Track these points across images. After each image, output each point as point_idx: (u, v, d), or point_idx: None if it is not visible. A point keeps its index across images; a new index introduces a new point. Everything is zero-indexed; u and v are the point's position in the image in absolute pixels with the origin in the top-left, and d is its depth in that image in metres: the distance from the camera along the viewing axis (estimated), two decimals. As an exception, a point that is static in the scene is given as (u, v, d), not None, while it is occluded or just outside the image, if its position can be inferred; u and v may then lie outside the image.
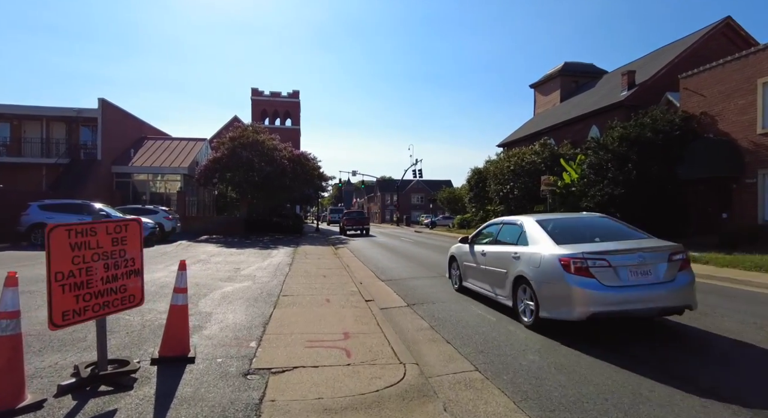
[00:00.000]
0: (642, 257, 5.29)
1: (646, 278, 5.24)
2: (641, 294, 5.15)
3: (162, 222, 19.92)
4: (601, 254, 5.27)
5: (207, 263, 12.04)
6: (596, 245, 5.62)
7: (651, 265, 5.31)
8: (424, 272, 11.33)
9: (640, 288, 5.18)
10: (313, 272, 10.85)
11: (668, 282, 5.29)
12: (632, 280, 5.19)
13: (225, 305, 6.74)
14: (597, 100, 25.56)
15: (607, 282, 5.12)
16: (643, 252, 5.35)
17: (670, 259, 5.40)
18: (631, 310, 5.17)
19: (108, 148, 25.19)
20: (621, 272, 5.19)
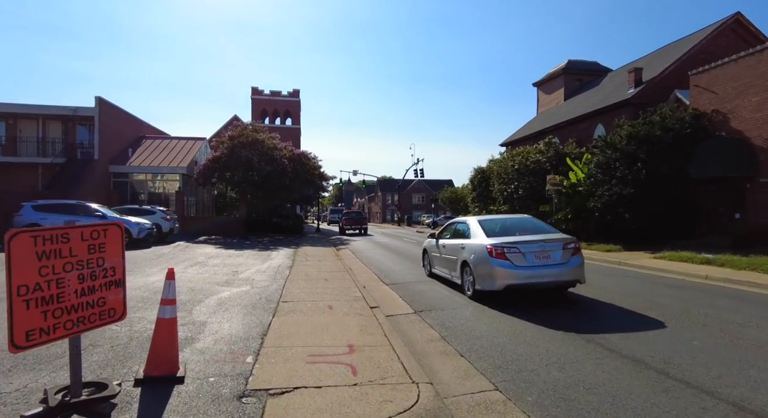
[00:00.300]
0: (543, 246, 7.28)
1: (547, 261, 7.20)
2: (542, 272, 7.15)
3: (160, 223, 19.52)
4: (514, 243, 7.26)
5: (204, 266, 11.62)
6: (514, 237, 7.54)
7: (550, 251, 7.26)
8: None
9: (541, 268, 7.16)
10: (314, 275, 10.42)
11: (563, 264, 7.24)
12: (536, 262, 7.18)
13: (221, 312, 6.31)
14: (602, 99, 25.12)
15: (518, 263, 7.10)
16: (544, 242, 7.34)
17: (564, 247, 7.34)
18: (535, 283, 7.18)
19: (105, 147, 24.77)
20: (528, 256, 7.15)
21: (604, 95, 25.52)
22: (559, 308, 7.08)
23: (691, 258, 12.66)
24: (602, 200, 17.86)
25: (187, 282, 8.82)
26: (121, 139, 26.80)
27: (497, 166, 26.63)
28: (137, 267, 11.02)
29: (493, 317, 6.58)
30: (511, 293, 7.27)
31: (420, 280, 10.20)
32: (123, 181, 26.07)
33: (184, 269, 10.82)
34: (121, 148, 26.69)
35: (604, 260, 14.22)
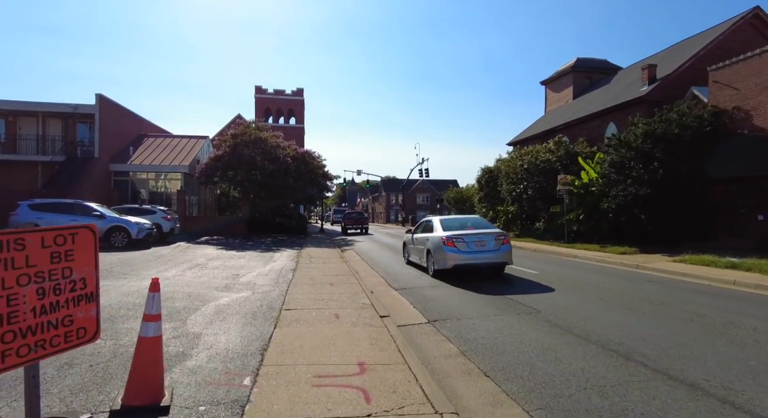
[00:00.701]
0: (481, 237, 9.95)
1: (483, 248, 9.85)
2: (480, 256, 9.84)
3: (160, 223, 19.05)
4: (460, 235, 9.90)
5: (204, 269, 11.09)
6: (461, 231, 10.19)
7: (486, 241, 9.95)
8: (441, 279, 10.33)
9: (479, 253, 9.82)
10: (318, 278, 9.88)
11: (495, 250, 9.95)
12: (476, 249, 9.80)
13: (218, 322, 5.77)
14: (614, 96, 24.46)
15: (462, 249, 9.74)
16: (482, 235, 10.03)
17: (497, 238, 10.10)
18: (474, 264, 9.91)
19: (105, 145, 24.34)
20: (470, 244, 9.80)
21: (616, 93, 24.87)
22: (491, 282, 10.21)
23: (714, 262, 12.03)
24: (616, 201, 17.24)
25: (184, 287, 8.30)
26: (121, 137, 26.37)
27: (505, 166, 26.02)
28: (133, 270, 10.51)
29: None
30: (458, 271, 10.10)
31: (431, 284, 9.65)
32: (124, 179, 25.63)
33: (182, 272, 10.30)
34: (122, 147, 26.26)
35: (621, 263, 13.60)
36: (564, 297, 8.04)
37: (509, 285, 9.42)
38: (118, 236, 15.86)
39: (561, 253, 16.94)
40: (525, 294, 8.30)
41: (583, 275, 11.13)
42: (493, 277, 10.56)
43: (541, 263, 13.64)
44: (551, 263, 13.78)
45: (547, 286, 9.27)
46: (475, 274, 10.72)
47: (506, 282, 9.87)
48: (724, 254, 12.79)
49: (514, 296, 8.02)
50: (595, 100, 27.15)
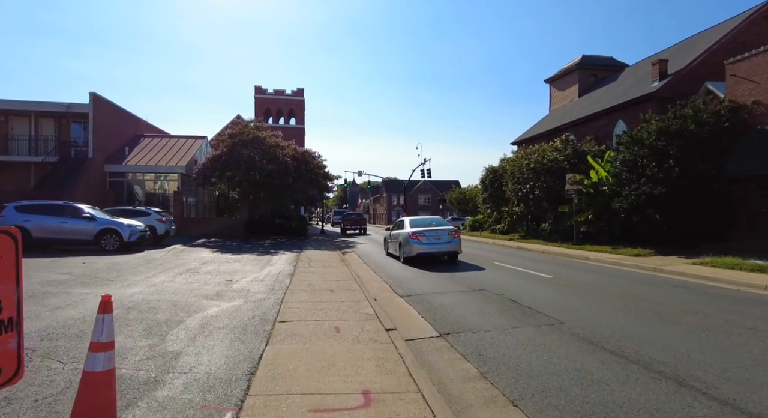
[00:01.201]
0: (437, 232, 12.98)
1: (439, 241, 12.89)
2: (437, 246, 12.92)
3: (154, 225, 18.38)
4: (422, 231, 12.92)
5: (195, 274, 10.41)
6: (423, 228, 13.25)
7: (441, 235, 12.99)
8: (450, 285, 9.64)
9: (436, 244, 12.86)
10: (318, 284, 9.19)
11: (448, 242, 12.99)
12: (434, 241, 12.85)
13: (202, 338, 5.08)
14: (622, 93, 23.75)
15: (424, 241, 12.75)
16: (438, 231, 13.06)
17: (449, 234, 13.14)
18: (432, 252, 12.92)
19: (100, 145, 23.70)
20: (429, 238, 12.81)
21: (624, 90, 24.17)
22: (441, 265, 13.43)
23: (739, 265, 11.31)
24: (629, 200, 16.53)
25: (170, 295, 7.61)
26: (117, 137, 25.72)
27: (510, 165, 25.34)
28: (119, 275, 9.82)
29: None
30: (420, 258, 13.27)
31: (441, 290, 8.95)
32: (119, 180, 24.97)
33: (171, 278, 9.62)
34: (117, 147, 25.61)
35: (636, 266, 12.89)
36: (587, 305, 7.34)
37: (527, 294, 8.72)
38: (109, 239, 15.19)
39: (571, 255, 16.23)
40: (544, 302, 7.59)
41: (600, 279, 10.42)
42: (504, 287, 9.88)
43: (553, 266, 12.93)
44: (563, 266, 13.07)
45: (565, 292, 8.56)
46: (473, 274, 10.05)
47: (523, 291, 9.16)
48: (747, 257, 12.08)
49: (533, 306, 7.32)
50: (603, 97, 26.45)
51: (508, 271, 11.97)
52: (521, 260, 14.72)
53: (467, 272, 11.77)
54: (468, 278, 10.49)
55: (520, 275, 11.04)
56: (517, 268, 12.49)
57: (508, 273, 11.50)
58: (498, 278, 10.58)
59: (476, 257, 15.64)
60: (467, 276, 10.89)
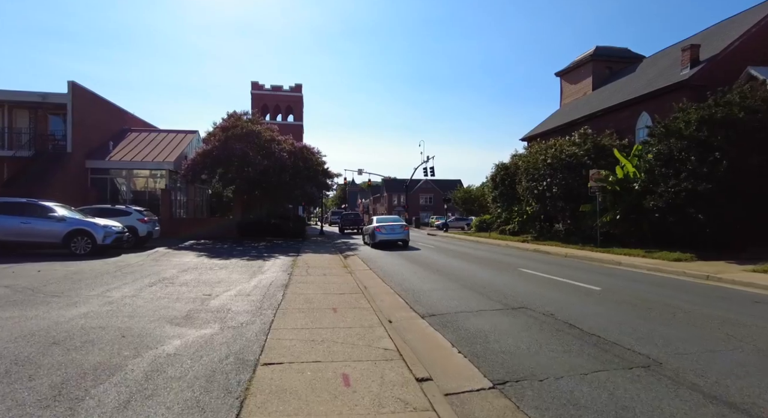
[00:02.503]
0: (393, 226, 20.70)
1: (393, 231, 20.45)
2: (391, 236, 20.37)
3: (135, 225, 16.57)
4: (383, 226, 20.60)
5: (169, 285, 8.62)
6: (384, 224, 20.92)
7: (395, 228, 20.60)
8: (481, 301, 7.85)
9: (391, 234, 20.37)
10: (317, 300, 7.42)
11: (400, 232, 20.59)
12: (390, 232, 20.39)
13: (138, 403, 3.29)
14: (645, 84, 22.01)
15: (384, 232, 20.25)
16: (393, 225, 20.82)
17: (402, 227, 20.89)
18: (389, 240, 20.29)
19: (81, 139, 21.87)
20: (387, 229, 20.41)
21: (647, 81, 22.42)
22: (397, 249, 19.56)
23: (815, 272, 9.58)
24: (664, 198, 14.79)
25: (124, 319, 5.82)
26: (100, 131, 23.89)
27: (524, 162, 23.58)
28: (72, 289, 8.02)
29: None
30: (381, 243, 19.88)
31: (471, 308, 7.17)
32: (102, 178, 23.13)
33: (137, 291, 7.83)
34: (100, 142, 23.78)
35: (683, 273, 11.13)
36: (675, 333, 5.57)
37: (583, 314, 6.95)
38: (80, 241, 13.38)
39: (599, 259, 14.48)
40: (614, 328, 5.82)
41: (658, 292, 8.65)
42: (549, 303, 8.09)
43: (589, 274, 11.16)
44: (601, 274, 11.30)
45: (630, 312, 6.80)
46: (468, 274, 8.29)
47: (575, 310, 7.36)
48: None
49: (603, 335, 5.54)
50: (622, 89, 24.72)
51: (542, 280, 10.20)
52: (548, 266, 12.96)
53: (495, 281, 9.99)
54: (499, 290, 8.71)
55: (559, 286, 9.26)
56: (550, 276, 10.72)
57: (543, 283, 9.72)
58: (535, 290, 8.81)
59: (497, 263, 13.86)
60: (497, 287, 9.12)
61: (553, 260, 14.97)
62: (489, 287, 9.21)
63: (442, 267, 12.76)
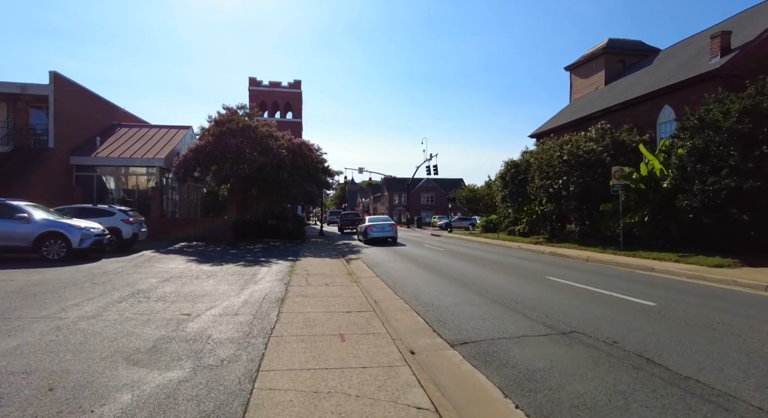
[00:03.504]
0: (383, 225, 23.77)
1: (384, 229, 23.36)
2: (381, 233, 23.24)
3: (119, 226, 15.18)
4: (374, 224, 23.86)
5: (143, 300, 7.23)
6: (375, 223, 24.37)
7: (385, 226, 23.73)
8: (520, 322, 6.48)
9: (382, 232, 23.36)
10: (319, 322, 6.04)
11: (389, 230, 23.55)
12: (380, 230, 23.39)
13: None
14: (667, 76, 20.63)
15: (375, 230, 23.23)
16: (383, 224, 24.01)
17: (390, 226, 23.94)
18: (379, 237, 23.13)
19: (64, 134, 20.46)
20: (377, 228, 23.43)
21: (668, 73, 21.05)
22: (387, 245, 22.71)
23: None
24: (699, 198, 13.44)
25: (67, 355, 4.44)
26: (86, 126, 22.47)
27: (537, 159, 22.18)
28: (22, 305, 6.63)
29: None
30: (372, 240, 22.95)
31: (511, 332, 5.79)
32: (88, 175, 21.71)
33: (101, 310, 6.44)
34: (86, 137, 22.37)
35: (733, 282, 9.77)
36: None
37: (656, 344, 5.57)
38: (53, 245, 12.00)
39: (627, 264, 13.12)
40: (724, 375, 4.45)
41: (724, 308, 7.27)
42: (603, 326, 6.72)
43: (628, 283, 9.79)
44: (637, 282, 9.94)
45: (723, 345, 5.43)
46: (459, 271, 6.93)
47: (640, 335, 5.98)
48: None
49: (704, 379, 4.17)
50: (640, 82, 23.34)
51: (579, 292, 8.82)
52: (575, 273, 11.61)
53: (524, 293, 8.62)
54: (534, 307, 7.34)
55: (603, 300, 7.89)
56: (585, 286, 9.35)
57: (582, 296, 8.35)
58: (577, 306, 7.43)
59: (518, 269, 12.49)
60: (530, 301, 7.74)
61: (576, 265, 13.61)
62: (521, 301, 7.83)
63: (458, 274, 11.39)
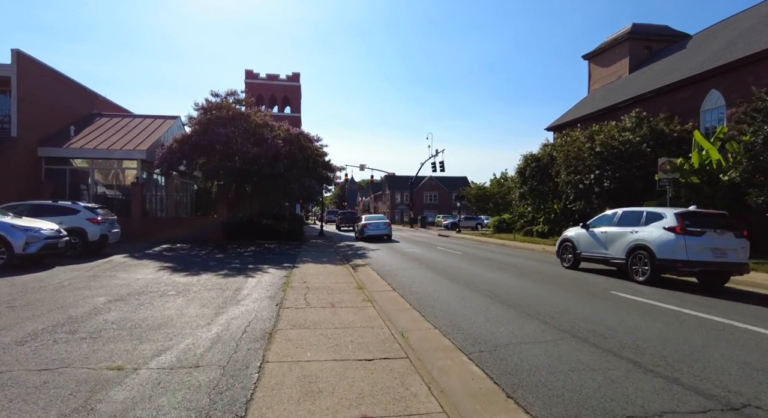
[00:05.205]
0: (378, 223, 25.45)
1: (379, 228, 25.10)
2: (378, 231, 24.87)
3: (83, 227, 12.83)
4: (370, 223, 25.75)
5: (64, 338, 4.91)
6: (371, 221, 25.91)
7: (381, 225, 25.39)
8: (647, 380, 4.21)
9: (378, 229, 24.97)
10: (327, 385, 3.73)
11: (384, 228, 25.23)
12: (377, 228, 25.04)
13: None
14: (714, 57, 18.33)
15: (370, 228, 24.95)
16: (379, 222, 25.59)
17: (386, 224, 25.65)
18: (375, 235, 24.64)
19: (31, 122, 18.10)
20: (372, 226, 25.12)
21: (714, 54, 18.76)
22: (383, 241, 23.29)
23: None
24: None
25: None
26: (59, 114, 20.13)
27: (563, 152, 19.90)
28: None
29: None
30: (368, 237, 24.25)
31: (663, 407, 3.49)
32: (60, 169, 19.34)
33: (-18, 360, 4.11)
34: (60, 127, 20.01)
35: None
36: None
37: None
38: (-10, 250, 9.66)
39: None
40: None
41: None
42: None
43: (740, 306, 7.49)
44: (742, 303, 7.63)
45: None
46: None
47: None
48: None
49: None
50: (676, 67, 21.08)
51: (686, 319, 6.52)
52: (645, 286, 9.30)
53: (606, 320, 6.31)
54: (642, 346, 5.06)
55: (730, 337, 5.59)
56: (685, 310, 7.04)
57: (696, 327, 6.05)
58: (718, 348, 5.14)
59: (563, 279, 10.18)
60: (631, 338, 5.45)
61: (631, 275, 11.31)
62: (612, 335, 5.53)
63: (494, 287, 9.07)
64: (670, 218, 9.34)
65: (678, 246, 8.81)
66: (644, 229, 9.68)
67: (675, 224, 9.07)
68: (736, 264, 8.93)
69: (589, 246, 11.37)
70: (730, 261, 8.84)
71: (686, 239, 8.79)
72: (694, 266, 8.71)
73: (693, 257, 8.67)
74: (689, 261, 8.69)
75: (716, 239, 8.85)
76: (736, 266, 8.95)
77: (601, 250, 10.88)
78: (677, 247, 8.81)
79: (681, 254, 8.76)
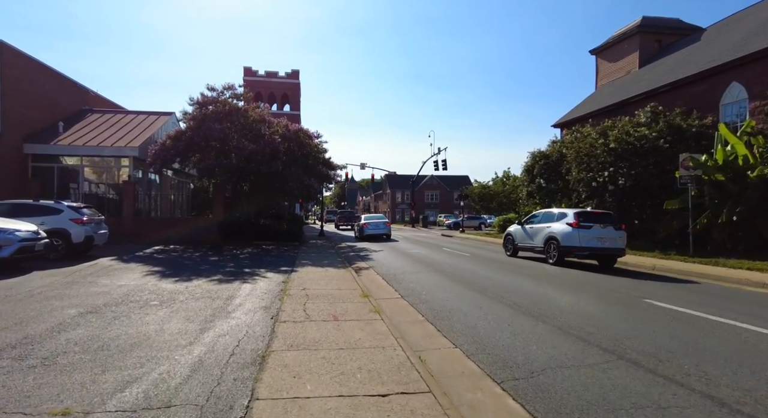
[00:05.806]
0: (378, 223, 25.49)
1: (378, 227, 25.05)
2: (377, 231, 24.80)
3: (66, 228, 11.98)
4: (369, 222, 25.67)
5: (9, 366, 4.05)
6: (370, 221, 25.88)
7: (380, 224, 25.38)
8: (365, 241, 3.34)
9: (377, 229, 24.92)
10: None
11: (384, 228, 25.20)
12: (376, 227, 25.03)
13: None
14: (735, 48, 17.46)
15: (370, 228, 24.91)
16: (378, 222, 25.56)
17: (385, 224, 25.74)
18: (374, 234, 24.60)
19: (16, 117, 17.24)
20: (372, 226, 25.05)
21: (734, 45, 17.90)
22: (381, 241, 22.96)
23: None
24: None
25: None
26: (47, 109, 19.27)
27: (574, 149, 19.03)
28: None
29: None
30: (368, 237, 24.21)
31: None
32: (48, 166, 18.48)
33: None
34: (48, 123, 19.14)
35: None
36: None
37: None
38: (-42, 254, 8.81)
39: (723, 278, 10.03)
40: None
41: None
42: None
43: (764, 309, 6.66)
44: None
45: None
46: None
47: None
48: None
49: None
50: (692, 60, 20.21)
51: (749, 338, 5.67)
52: (681, 292, 8.47)
53: (658, 337, 5.47)
54: (706, 372, 4.20)
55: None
56: (721, 319, 6.19)
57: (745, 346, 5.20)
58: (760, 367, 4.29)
59: (589, 285, 9.32)
60: (685, 360, 4.60)
61: (657, 277, 10.47)
62: (668, 358, 4.69)
63: (513, 295, 8.21)
64: (570, 216, 12.47)
65: (574, 236, 11.98)
66: (555, 224, 12.74)
67: (573, 221, 12.18)
68: (615, 249, 12.14)
69: (522, 238, 14.50)
70: (610, 247, 12.03)
71: (579, 231, 11.93)
72: (584, 250, 11.93)
73: (584, 244, 11.85)
74: (581, 247, 11.89)
75: (600, 231, 12.00)
76: (616, 250, 12.16)
77: (529, 241, 13.98)
78: (573, 237, 11.98)
79: (575, 242, 11.95)
